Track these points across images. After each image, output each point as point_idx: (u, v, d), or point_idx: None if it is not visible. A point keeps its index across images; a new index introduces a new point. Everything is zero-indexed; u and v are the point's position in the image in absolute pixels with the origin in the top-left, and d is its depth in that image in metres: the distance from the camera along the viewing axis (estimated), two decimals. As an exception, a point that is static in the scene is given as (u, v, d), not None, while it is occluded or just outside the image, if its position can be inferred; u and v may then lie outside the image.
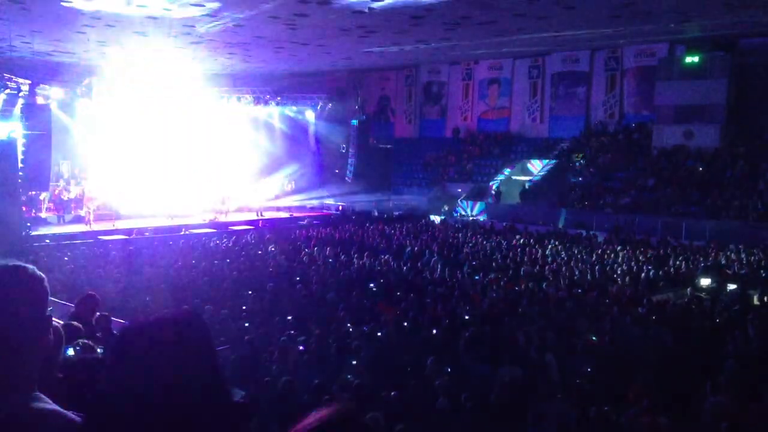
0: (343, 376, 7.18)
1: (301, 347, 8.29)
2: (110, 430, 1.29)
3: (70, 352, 3.25)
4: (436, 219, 26.48)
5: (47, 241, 19.64)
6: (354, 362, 7.77)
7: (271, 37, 22.14)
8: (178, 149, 27.93)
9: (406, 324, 9.76)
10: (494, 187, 27.78)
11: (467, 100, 34.00)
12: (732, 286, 14.01)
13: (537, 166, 28.76)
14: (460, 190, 29.84)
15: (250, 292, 11.88)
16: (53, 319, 1.69)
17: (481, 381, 7.24)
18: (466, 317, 10.33)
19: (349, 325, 9.70)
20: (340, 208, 29.50)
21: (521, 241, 20.18)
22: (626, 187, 24.83)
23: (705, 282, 14.51)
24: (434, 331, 9.36)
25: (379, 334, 9.13)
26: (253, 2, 17.01)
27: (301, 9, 17.86)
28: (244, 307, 10.93)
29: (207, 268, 14.54)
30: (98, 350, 3.54)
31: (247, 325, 9.65)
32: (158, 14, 18.06)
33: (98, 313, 5.59)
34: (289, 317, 10.05)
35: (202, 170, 28.46)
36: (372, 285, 13.14)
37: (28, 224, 20.65)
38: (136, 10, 17.56)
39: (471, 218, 26.32)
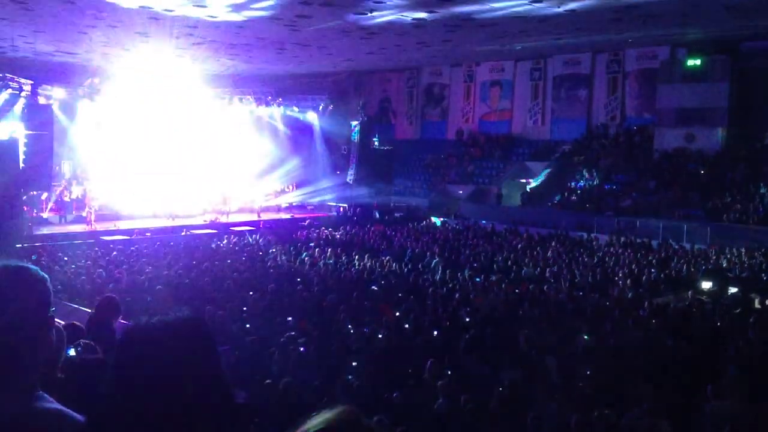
0: (344, 378, 7.17)
1: (301, 348, 8.27)
2: (113, 430, 1.29)
3: (72, 352, 3.26)
4: (438, 221, 26.47)
5: (48, 241, 19.64)
6: (354, 364, 7.76)
7: (273, 38, 22.14)
8: (180, 150, 27.94)
9: (406, 326, 9.75)
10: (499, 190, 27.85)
11: (468, 102, 33.97)
12: (733, 290, 13.99)
13: (538, 169, 28.75)
14: (461, 192, 29.84)
15: (251, 293, 11.86)
16: (55, 319, 1.69)
17: (481, 383, 7.23)
18: (467, 319, 10.31)
19: (349, 326, 9.69)
20: (342, 209, 29.51)
21: (522, 243, 20.16)
22: (627, 190, 24.81)
23: (706, 285, 14.50)
24: (435, 333, 9.35)
25: (379, 335, 9.12)
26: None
27: (303, 10, 17.86)
28: (244, 308, 10.90)
29: (208, 268, 14.53)
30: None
31: (248, 326, 9.63)
32: (160, 15, 18.07)
33: (121, 319, 5.13)
34: (290, 318, 10.04)
35: (204, 171, 28.46)
36: (373, 286, 13.13)
37: (30, 224, 20.66)
38: (141, 11, 17.56)
39: (472, 221, 26.29)
